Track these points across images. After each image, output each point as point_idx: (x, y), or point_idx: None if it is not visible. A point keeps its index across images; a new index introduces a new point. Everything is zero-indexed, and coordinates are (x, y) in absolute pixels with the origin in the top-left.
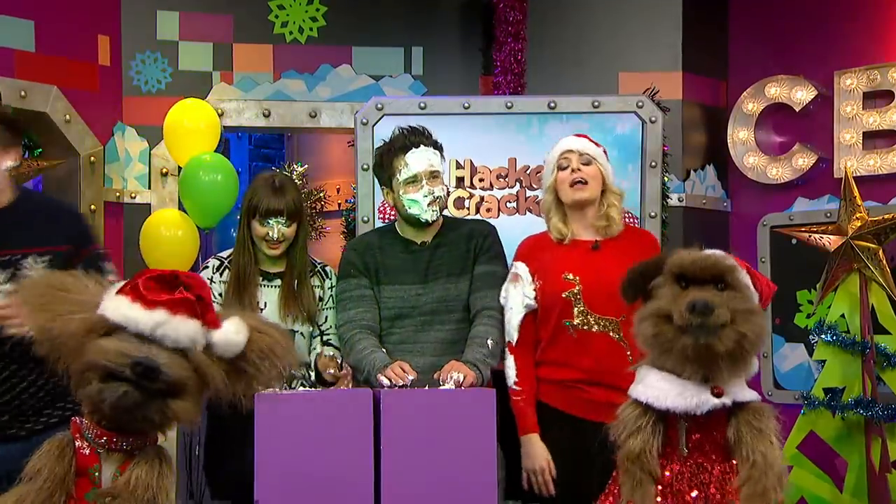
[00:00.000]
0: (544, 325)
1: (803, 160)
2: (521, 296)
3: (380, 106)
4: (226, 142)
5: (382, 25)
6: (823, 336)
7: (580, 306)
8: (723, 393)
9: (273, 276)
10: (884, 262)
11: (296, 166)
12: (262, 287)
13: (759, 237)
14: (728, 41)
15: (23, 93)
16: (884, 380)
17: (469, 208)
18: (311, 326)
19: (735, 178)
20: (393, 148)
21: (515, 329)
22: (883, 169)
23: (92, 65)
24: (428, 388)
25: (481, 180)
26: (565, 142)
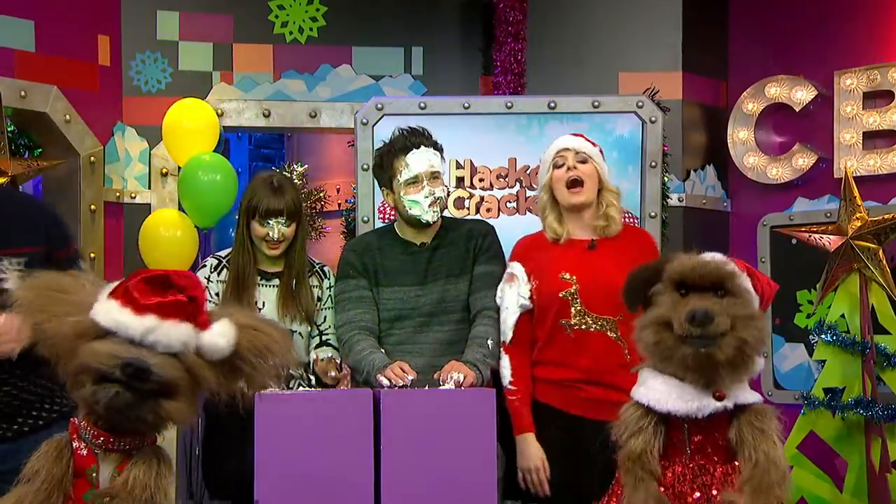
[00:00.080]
0: (541, 325)
1: (803, 160)
2: (516, 296)
3: (380, 106)
4: (226, 142)
5: (382, 25)
6: (823, 336)
7: (577, 306)
8: (724, 396)
9: (271, 276)
10: (884, 262)
11: (296, 166)
12: (260, 287)
13: (759, 237)
14: (728, 41)
15: (23, 93)
16: (884, 380)
17: (469, 208)
18: (309, 326)
19: (735, 178)
20: (393, 149)
21: (510, 329)
22: (883, 169)
23: (92, 65)
24: (428, 388)
25: (481, 180)
26: (561, 140)
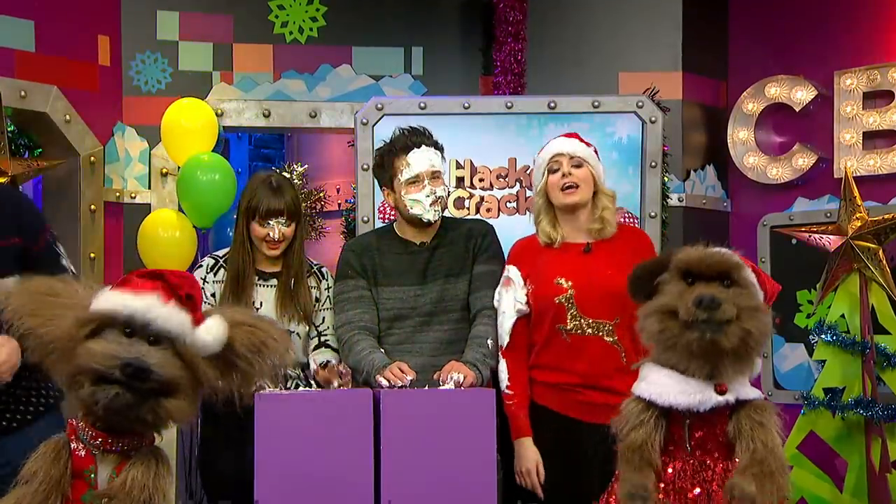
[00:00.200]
0: (538, 330)
1: (803, 160)
2: (512, 300)
3: (380, 106)
4: (226, 142)
5: (382, 25)
6: (823, 336)
7: (573, 311)
8: (726, 390)
9: (269, 276)
10: (884, 262)
11: (296, 166)
12: (257, 287)
13: (759, 237)
14: (728, 41)
15: (23, 93)
16: (884, 380)
17: (469, 208)
18: (307, 326)
19: (735, 178)
20: (394, 148)
21: (507, 333)
22: (883, 169)
23: (92, 65)
24: (428, 388)
25: (481, 180)
26: (556, 144)
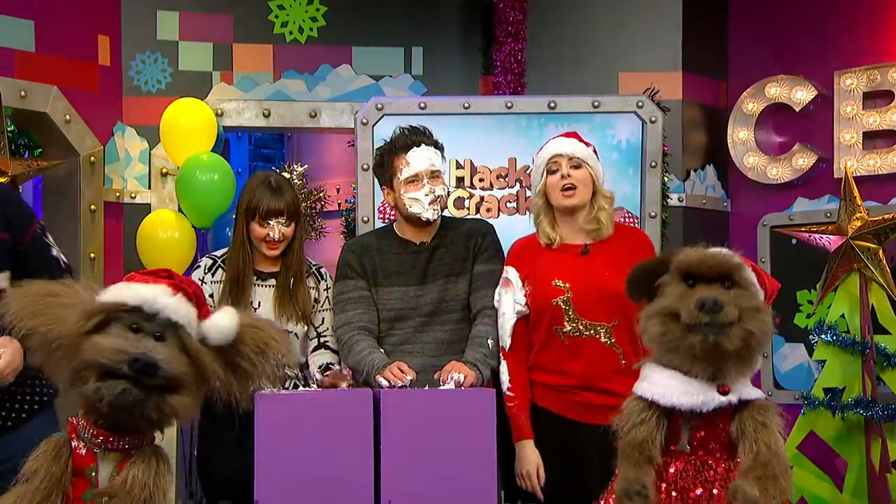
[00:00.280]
0: (536, 331)
1: (803, 160)
2: (512, 301)
3: (380, 106)
4: (226, 142)
5: (382, 25)
6: (823, 336)
7: (570, 313)
8: (729, 391)
9: (267, 276)
10: (884, 262)
11: (296, 166)
12: (256, 287)
13: (759, 237)
14: (728, 41)
15: (23, 93)
16: (884, 380)
17: (469, 208)
18: (305, 326)
19: (735, 178)
20: (394, 147)
21: (508, 335)
22: (883, 169)
23: (92, 65)
24: (428, 388)
25: (481, 180)
26: (555, 144)
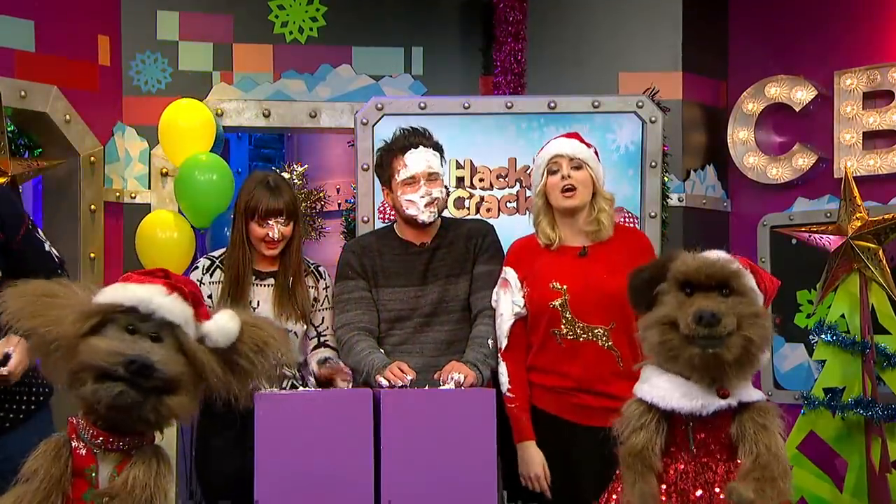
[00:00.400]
0: (534, 332)
1: (803, 160)
2: (510, 303)
3: (380, 106)
4: (226, 142)
5: (382, 25)
6: (823, 336)
7: (567, 315)
8: (728, 394)
9: (266, 276)
10: (884, 262)
11: (296, 166)
12: (254, 286)
13: (759, 237)
14: (728, 41)
15: (23, 93)
16: (884, 380)
17: (469, 208)
18: (304, 325)
19: (735, 178)
20: (393, 148)
21: (505, 335)
22: (883, 169)
23: (92, 65)
24: (428, 388)
25: (481, 180)
26: (555, 145)
